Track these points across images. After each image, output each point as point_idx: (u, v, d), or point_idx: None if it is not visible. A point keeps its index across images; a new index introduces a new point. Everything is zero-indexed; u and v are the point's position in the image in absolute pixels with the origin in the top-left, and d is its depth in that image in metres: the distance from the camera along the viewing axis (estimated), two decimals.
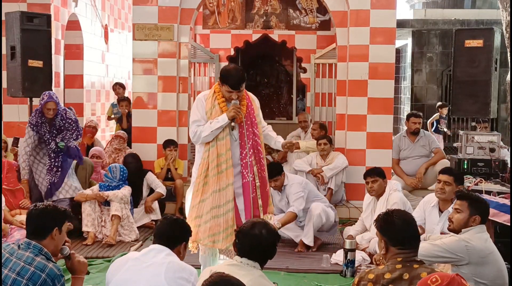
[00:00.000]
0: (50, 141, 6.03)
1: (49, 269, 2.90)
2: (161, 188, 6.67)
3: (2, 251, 2.96)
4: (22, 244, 2.99)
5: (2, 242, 3.04)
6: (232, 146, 4.32)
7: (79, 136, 6.30)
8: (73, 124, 6.16)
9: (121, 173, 6.31)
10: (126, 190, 6.21)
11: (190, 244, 4.15)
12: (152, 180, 6.71)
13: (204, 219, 4.23)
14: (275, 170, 5.71)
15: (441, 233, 4.35)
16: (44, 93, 6.08)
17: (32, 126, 5.98)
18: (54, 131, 6.03)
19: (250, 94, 4.54)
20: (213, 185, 4.23)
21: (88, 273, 3.21)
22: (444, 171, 4.89)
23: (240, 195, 4.33)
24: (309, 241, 5.70)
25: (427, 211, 4.90)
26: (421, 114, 7.44)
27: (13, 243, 3.02)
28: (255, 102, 4.50)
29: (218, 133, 4.26)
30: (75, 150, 6.17)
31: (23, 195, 5.88)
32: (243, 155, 4.32)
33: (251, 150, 4.34)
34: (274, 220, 5.09)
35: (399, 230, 2.89)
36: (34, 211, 3.09)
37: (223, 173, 4.24)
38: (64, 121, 6.08)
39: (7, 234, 5.29)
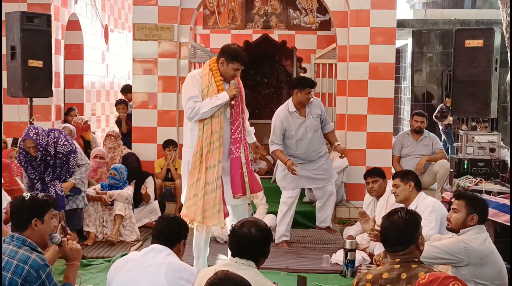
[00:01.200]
0: (35, 181, 5.50)
1: (32, 260, 2.85)
2: (151, 195, 6.65)
3: None
4: (6, 238, 2.96)
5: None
6: (224, 124, 4.40)
7: (69, 173, 5.63)
8: (65, 159, 5.53)
9: (126, 173, 6.35)
10: (130, 190, 6.23)
11: (189, 224, 4.09)
12: (149, 184, 6.69)
13: (199, 196, 4.31)
14: (311, 82, 5.88)
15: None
16: (26, 127, 5.52)
17: (20, 162, 5.53)
18: (40, 169, 5.50)
19: None
20: (205, 162, 4.31)
21: (84, 257, 3.17)
22: (394, 175, 4.95)
23: (227, 172, 4.42)
24: (328, 224, 6.02)
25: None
26: (425, 113, 7.44)
27: None
28: (241, 84, 4.61)
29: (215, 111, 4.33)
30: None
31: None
32: (233, 131, 4.41)
33: (240, 127, 4.45)
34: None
35: (382, 232, 2.91)
36: (13, 203, 3.08)
37: (215, 151, 4.33)
38: (49, 157, 5.47)
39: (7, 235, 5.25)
